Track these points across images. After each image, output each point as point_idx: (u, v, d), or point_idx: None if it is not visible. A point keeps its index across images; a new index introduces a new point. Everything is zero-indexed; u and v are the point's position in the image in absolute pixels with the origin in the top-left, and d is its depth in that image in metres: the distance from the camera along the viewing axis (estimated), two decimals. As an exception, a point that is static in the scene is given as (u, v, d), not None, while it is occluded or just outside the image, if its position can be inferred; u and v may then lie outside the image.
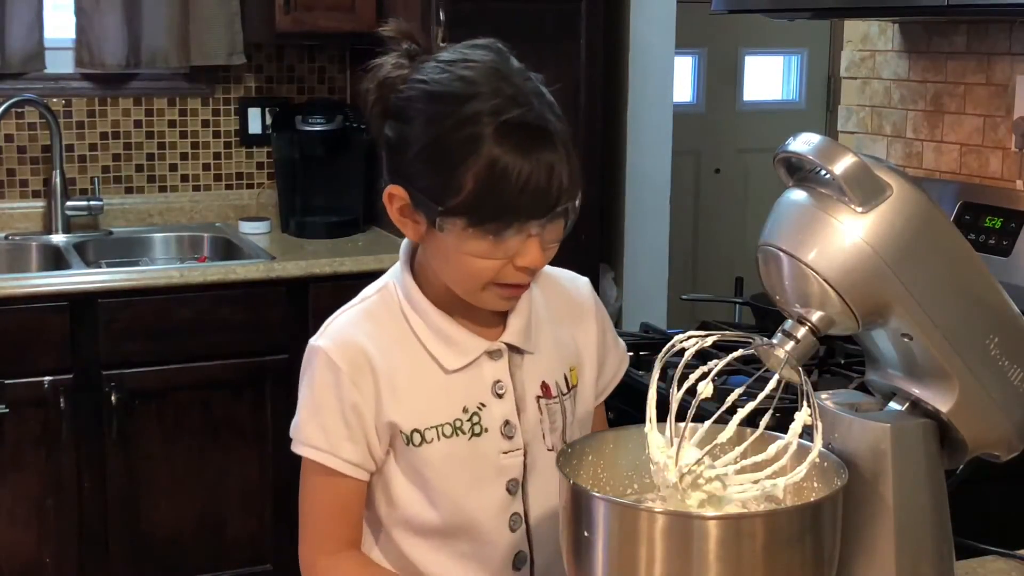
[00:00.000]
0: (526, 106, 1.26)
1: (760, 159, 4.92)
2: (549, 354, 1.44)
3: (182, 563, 3.10)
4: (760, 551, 1.05)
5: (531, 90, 1.29)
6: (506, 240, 1.28)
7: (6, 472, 2.91)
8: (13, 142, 3.46)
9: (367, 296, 1.44)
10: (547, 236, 1.30)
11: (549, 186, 1.25)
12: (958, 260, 1.15)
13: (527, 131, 1.25)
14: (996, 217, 2.32)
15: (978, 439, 1.19)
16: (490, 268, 1.30)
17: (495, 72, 1.29)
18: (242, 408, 3.12)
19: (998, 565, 1.42)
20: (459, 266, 1.31)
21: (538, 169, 1.24)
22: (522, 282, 1.34)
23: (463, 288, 1.34)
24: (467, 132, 1.25)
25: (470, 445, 1.38)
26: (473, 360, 1.39)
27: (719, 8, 2.43)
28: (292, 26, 3.33)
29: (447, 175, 1.26)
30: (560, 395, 1.44)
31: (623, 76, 3.72)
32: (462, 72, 1.29)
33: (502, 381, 1.40)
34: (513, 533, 1.42)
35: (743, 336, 1.17)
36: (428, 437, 1.37)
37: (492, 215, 1.25)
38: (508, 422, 1.40)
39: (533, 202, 1.25)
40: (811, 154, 1.13)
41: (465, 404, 1.38)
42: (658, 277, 3.86)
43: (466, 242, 1.28)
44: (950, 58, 2.51)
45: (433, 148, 1.27)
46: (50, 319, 2.91)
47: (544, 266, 1.35)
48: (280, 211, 3.62)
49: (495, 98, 1.25)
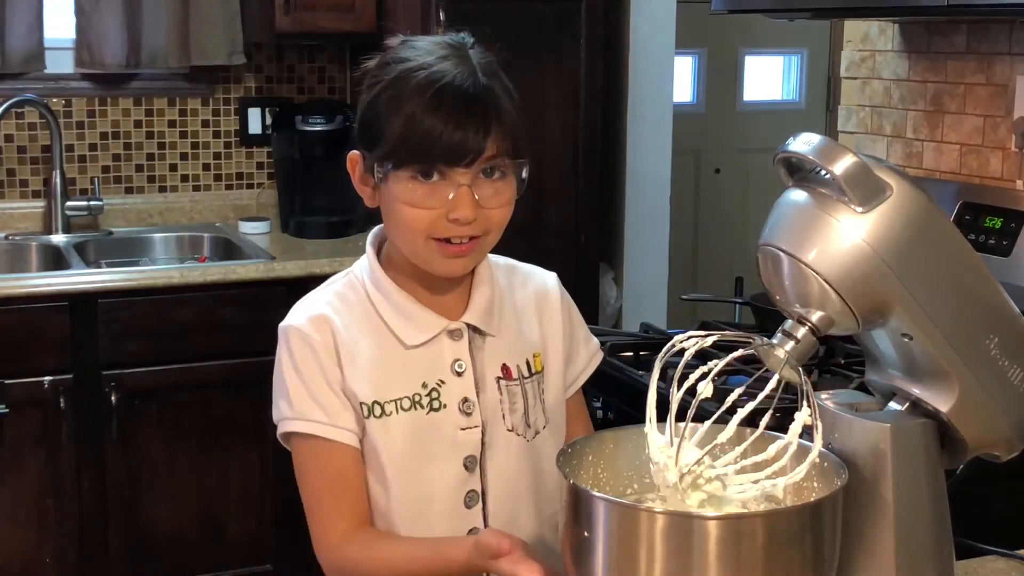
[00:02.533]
0: (450, 72, 1.37)
1: (760, 159, 4.92)
2: (511, 338, 1.49)
3: (182, 563, 3.10)
4: (760, 551, 1.05)
5: (465, 63, 1.39)
6: (434, 186, 1.36)
7: (6, 472, 2.91)
8: (13, 142, 3.47)
9: (333, 281, 1.53)
10: (483, 194, 1.38)
11: (464, 140, 1.34)
12: (958, 260, 1.15)
13: (446, 91, 1.35)
14: (996, 217, 2.32)
15: (978, 439, 1.19)
16: (424, 218, 1.37)
17: (438, 44, 1.42)
18: (242, 408, 3.12)
19: (998, 565, 1.42)
20: (400, 219, 1.40)
21: (450, 123, 1.34)
22: (456, 235, 1.38)
23: (407, 243, 1.42)
24: (393, 91, 1.38)
25: (428, 419, 1.43)
26: (432, 337, 1.45)
27: (719, 8, 2.43)
28: (292, 26, 3.33)
29: (378, 128, 1.39)
30: (521, 378, 1.49)
31: (623, 76, 3.72)
32: (413, 44, 1.43)
33: (462, 360, 1.46)
34: (468, 510, 1.46)
35: (743, 336, 1.17)
36: (388, 410, 1.42)
37: (412, 156, 1.36)
38: (467, 399, 1.45)
39: (448, 151, 1.34)
40: (811, 154, 1.13)
41: (424, 380, 1.44)
42: (658, 277, 3.86)
43: (400, 189, 1.38)
44: (950, 58, 2.51)
45: (371, 107, 1.41)
46: (50, 319, 2.91)
47: (488, 229, 1.40)
48: (280, 211, 3.62)
49: (424, 65, 1.38)
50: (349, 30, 3.41)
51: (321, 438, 1.42)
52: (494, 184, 1.39)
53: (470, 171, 1.36)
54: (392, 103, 1.37)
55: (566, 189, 3.41)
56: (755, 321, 2.54)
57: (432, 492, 1.45)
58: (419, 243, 1.40)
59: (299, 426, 1.43)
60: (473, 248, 1.41)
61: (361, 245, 3.70)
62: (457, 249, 1.40)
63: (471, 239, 1.40)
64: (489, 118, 1.36)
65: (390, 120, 1.37)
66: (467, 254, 1.41)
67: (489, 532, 1.30)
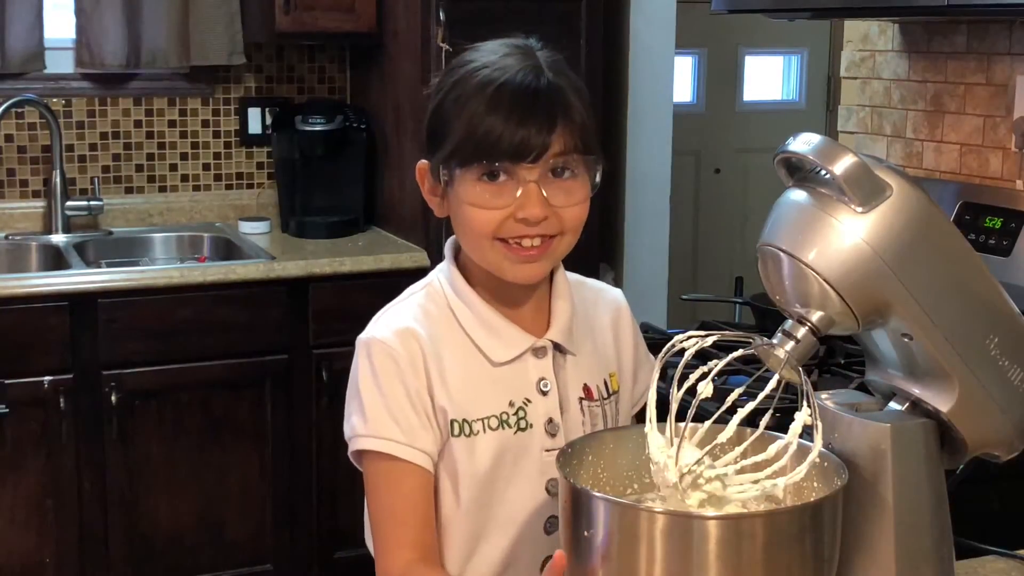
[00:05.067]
0: (512, 68, 1.34)
1: (760, 159, 4.92)
2: (590, 358, 1.45)
3: (182, 563, 3.10)
4: (760, 551, 1.05)
5: (530, 60, 1.36)
6: (500, 186, 1.32)
7: (6, 472, 2.91)
8: (13, 142, 3.46)
9: (413, 291, 1.45)
10: (554, 194, 1.33)
11: (527, 137, 1.30)
12: (958, 260, 1.15)
13: (507, 87, 1.32)
14: (996, 217, 2.32)
15: (978, 439, 1.19)
16: (492, 218, 1.33)
17: (503, 45, 1.38)
18: (242, 408, 3.12)
19: (998, 565, 1.42)
20: (467, 222, 1.35)
21: (512, 120, 1.30)
22: (526, 234, 1.33)
23: (475, 248, 1.37)
24: (456, 92, 1.35)
25: (516, 439, 1.38)
26: (519, 355, 1.39)
27: (719, 8, 2.43)
28: (292, 26, 3.33)
29: (443, 131, 1.35)
30: (601, 399, 1.44)
31: (623, 76, 3.72)
32: (473, 50, 1.39)
33: (547, 379, 1.41)
34: (548, 536, 1.39)
35: (743, 336, 1.17)
36: (475, 428, 1.37)
37: (475, 155, 1.32)
38: (552, 420, 1.40)
39: (512, 148, 1.30)
40: (811, 154, 1.13)
41: (511, 398, 1.39)
42: (658, 277, 3.86)
43: (466, 191, 1.33)
44: (950, 58, 2.51)
45: (436, 112, 1.38)
46: (50, 319, 2.91)
47: (563, 230, 1.35)
48: (280, 211, 3.62)
49: (486, 64, 1.35)
50: (349, 30, 3.40)
51: (395, 458, 1.35)
52: (564, 184, 1.34)
53: (536, 167, 1.31)
54: (455, 104, 1.34)
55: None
56: (755, 321, 2.54)
57: (512, 515, 1.39)
58: (486, 246, 1.35)
59: (373, 444, 1.35)
60: (545, 251, 1.35)
61: (361, 245, 3.70)
62: (527, 253, 1.34)
63: (542, 241, 1.34)
64: (555, 114, 1.32)
65: (453, 121, 1.34)
66: (538, 258, 1.35)
67: None
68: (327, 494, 3.17)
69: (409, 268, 3.19)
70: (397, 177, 3.46)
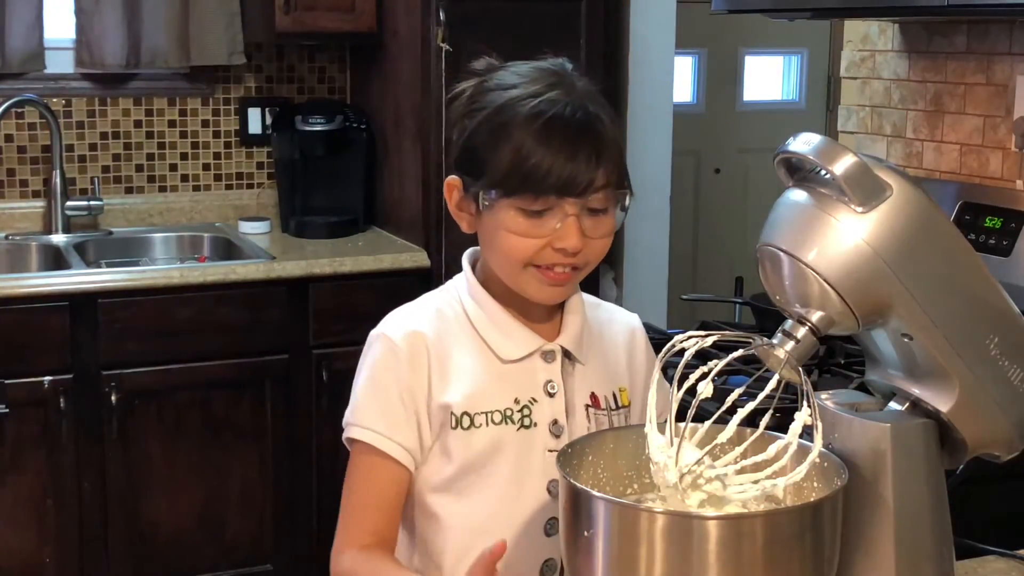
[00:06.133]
0: (560, 102, 1.35)
1: (760, 159, 4.91)
2: (599, 369, 1.47)
3: (182, 563, 3.10)
4: (760, 551, 1.05)
5: (573, 92, 1.37)
6: (543, 219, 1.34)
7: (6, 472, 2.91)
8: (13, 142, 3.46)
9: (429, 296, 1.50)
10: (588, 225, 1.35)
11: (576, 172, 1.33)
12: (958, 260, 1.15)
13: (557, 122, 1.34)
14: (996, 217, 2.32)
15: (978, 439, 1.19)
16: (529, 247, 1.36)
17: (541, 71, 1.40)
18: (242, 408, 3.12)
19: (998, 565, 1.42)
20: (502, 245, 1.37)
21: (562, 155, 1.32)
22: (560, 263, 1.37)
23: (506, 269, 1.40)
24: (500, 119, 1.36)
25: (518, 435, 1.41)
26: (528, 354, 1.43)
27: (719, 8, 2.43)
28: (292, 26, 3.33)
29: (482, 156, 1.37)
30: (609, 409, 1.46)
31: (623, 76, 3.72)
32: (514, 71, 1.41)
33: (554, 381, 1.43)
34: (547, 538, 1.41)
35: (743, 336, 1.17)
36: (477, 422, 1.40)
37: (522, 187, 1.33)
38: (557, 421, 1.42)
39: (560, 182, 1.32)
40: (811, 154, 1.13)
41: (517, 396, 1.42)
42: (658, 277, 3.86)
43: (506, 218, 1.35)
44: (950, 58, 2.51)
45: (475, 135, 1.39)
46: (50, 319, 2.91)
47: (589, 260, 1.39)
48: (280, 211, 3.62)
49: (532, 92, 1.36)
50: (349, 30, 3.40)
51: (375, 448, 1.39)
52: (596, 216, 1.37)
53: (579, 201, 1.34)
54: (499, 132, 1.36)
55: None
56: (755, 321, 2.54)
57: (513, 514, 1.41)
58: (518, 270, 1.38)
59: (356, 432, 1.41)
60: (572, 278, 1.40)
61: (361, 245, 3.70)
62: (556, 277, 1.38)
63: (572, 269, 1.38)
64: (601, 149, 1.35)
65: (497, 149, 1.35)
66: (565, 283, 1.39)
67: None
68: (327, 494, 3.16)
69: (409, 268, 3.20)
70: (397, 177, 3.46)
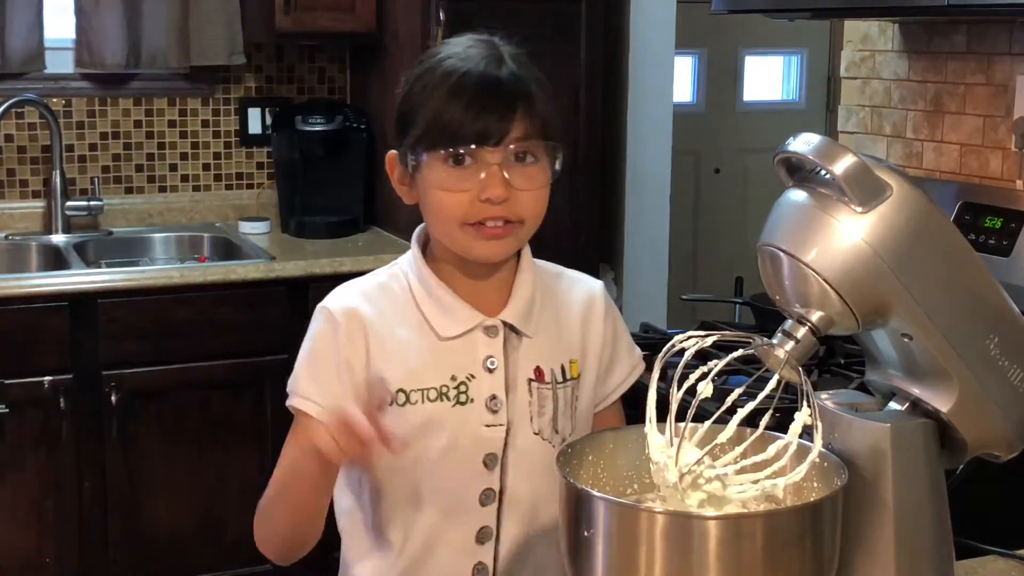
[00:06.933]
0: (474, 59, 1.41)
1: (760, 159, 4.91)
2: (549, 342, 1.49)
3: (182, 563, 3.10)
4: (760, 551, 1.05)
5: (492, 52, 1.43)
6: (465, 170, 1.38)
7: (6, 472, 2.91)
8: (13, 142, 3.46)
9: (378, 272, 1.54)
10: (515, 178, 1.39)
11: (487, 122, 1.37)
12: (958, 260, 1.15)
13: (470, 76, 1.39)
14: (996, 217, 2.32)
15: (978, 439, 1.19)
16: (458, 202, 1.39)
17: (472, 40, 1.45)
18: (242, 408, 3.12)
19: (998, 565, 1.42)
20: (435, 206, 1.41)
21: (474, 107, 1.37)
22: (491, 215, 1.39)
23: (446, 232, 1.43)
24: (422, 82, 1.42)
25: (453, 412, 1.44)
26: (468, 331, 1.45)
27: (719, 8, 2.43)
28: (292, 26, 3.33)
29: (410, 118, 1.42)
30: (554, 382, 1.48)
31: (623, 76, 3.72)
32: (442, 44, 1.47)
33: (494, 357, 1.46)
34: (483, 508, 1.46)
35: (743, 336, 1.17)
36: (413, 399, 1.43)
37: (440, 140, 1.38)
38: (495, 397, 1.45)
39: (475, 133, 1.37)
40: (811, 154, 1.13)
41: (454, 373, 1.44)
42: (658, 277, 3.86)
43: (432, 175, 1.40)
44: (950, 58, 2.51)
45: (404, 101, 1.44)
46: (50, 319, 2.91)
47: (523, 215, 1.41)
48: (280, 211, 3.62)
49: (451, 55, 1.42)
50: (349, 30, 3.41)
51: (310, 417, 1.44)
52: (526, 169, 1.40)
53: (499, 151, 1.38)
54: (421, 93, 1.41)
55: (566, 189, 3.41)
56: (755, 321, 2.54)
57: (449, 486, 1.44)
58: (454, 230, 1.41)
59: (293, 400, 1.47)
60: (509, 232, 1.41)
61: (361, 245, 3.70)
62: (491, 231, 1.40)
63: (506, 223, 1.40)
64: (515, 101, 1.39)
65: (420, 109, 1.40)
66: (503, 237, 1.41)
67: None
68: (327, 494, 3.16)
69: (409, 268, 3.20)
70: (397, 177, 3.46)
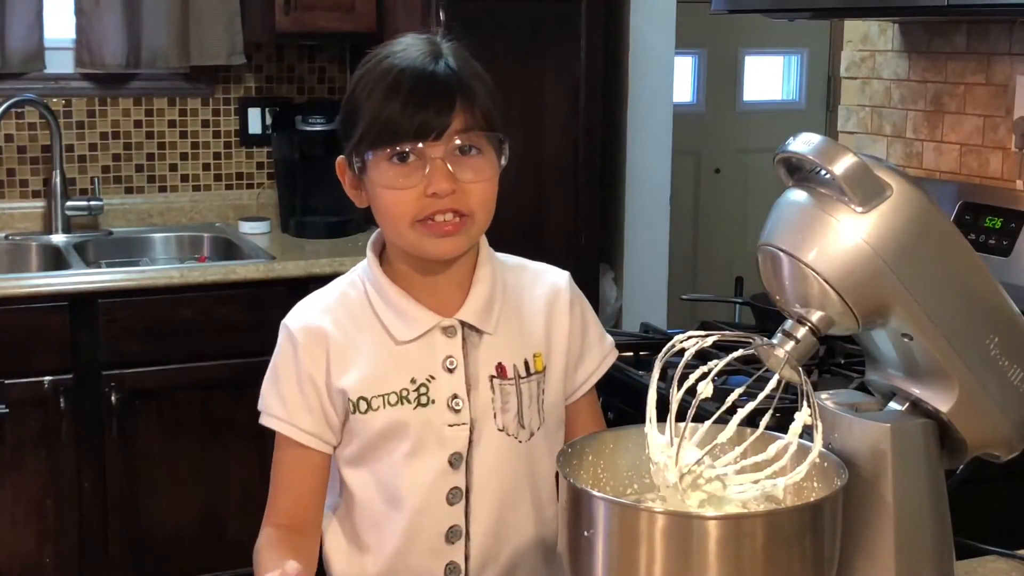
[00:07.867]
0: (412, 56, 1.41)
1: (760, 159, 4.91)
2: (511, 337, 1.49)
3: (182, 563, 3.10)
4: (760, 551, 1.05)
5: (430, 49, 1.43)
6: (410, 166, 1.39)
7: (6, 472, 2.91)
8: (13, 142, 3.47)
9: (338, 281, 1.56)
10: (461, 171, 1.39)
11: (426, 117, 1.37)
12: (958, 260, 1.15)
13: (407, 73, 1.39)
14: (996, 217, 2.32)
15: (978, 439, 1.19)
16: (406, 199, 1.39)
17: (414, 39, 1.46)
18: (242, 408, 3.11)
19: (998, 565, 1.42)
20: (384, 206, 1.42)
21: (412, 102, 1.37)
22: (439, 210, 1.39)
23: (398, 233, 1.43)
24: (363, 83, 1.43)
25: (415, 414, 1.45)
26: (424, 333, 1.46)
27: (719, 8, 2.43)
28: (292, 26, 3.33)
29: (353, 120, 1.43)
30: (517, 378, 1.48)
31: (623, 76, 3.72)
32: (384, 45, 1.47)
33: (453, 357, 1.46)
34: (451, 507, 1.46)
35: (743, 336, 1.17)
36: (374, 405, 1.45)
37: (381, 139, 1.39)
38: (456, 396, 1.46)
39: (413, 128, 1.37)
40: (811, 154, 1.13)
41: (414, 375, 1.45)
42: (658, 277, 3.86)
43: (378, 175, 1.40)
44: (950, 58, 2.50)
45: (346, 104, 1.46)
46: (50, 319, 2.91)
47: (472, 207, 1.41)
48: (280, 211, 3.62)
49: (390, 54, 1.43)
50: (349, 30, 3.41)
51: (280, 434, 1.49)
52: (471, 160, 1.40)
53: (440, 145, 1.38)
54: (361, 94, 1.42)
55: (566, 189, 3.41)
56: (755, 321, 2.54)
57: (416, 487, 1.45)
58: (405, 229, 1.41)
59: (263, 418, 1.50)
60: (460, 228, 1.41)
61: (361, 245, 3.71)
62: (441, 227, 1.40)
63: (457, 218, 1.40)
64: (452, 95, 1.38)
65: (360, 110, 1.41)
66: (455, 233, 1.41)
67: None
68: (327, 494, 3.16)
69: (409, 268, 3.20)
70: (397, 177, 3.46)
